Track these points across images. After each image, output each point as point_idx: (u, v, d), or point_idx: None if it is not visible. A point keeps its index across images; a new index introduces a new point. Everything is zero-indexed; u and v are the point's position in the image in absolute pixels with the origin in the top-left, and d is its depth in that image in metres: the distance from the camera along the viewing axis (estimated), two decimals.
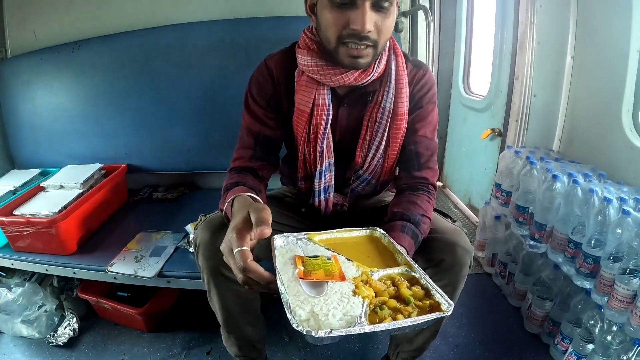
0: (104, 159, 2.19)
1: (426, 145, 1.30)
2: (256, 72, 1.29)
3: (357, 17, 1.00)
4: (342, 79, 1.14)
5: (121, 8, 2.14)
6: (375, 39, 1.05)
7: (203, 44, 2.06)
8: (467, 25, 3.04)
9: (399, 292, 0.83)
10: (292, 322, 0.71)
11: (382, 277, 0.88)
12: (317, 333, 0.69)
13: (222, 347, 1.74)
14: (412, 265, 0.90)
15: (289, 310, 0.74)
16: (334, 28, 1.04)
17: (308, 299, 0.78)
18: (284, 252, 0.94)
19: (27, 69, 2.21)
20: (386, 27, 1.05)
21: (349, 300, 0.78)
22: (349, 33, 1.03)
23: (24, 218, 1.71)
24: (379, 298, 0.81)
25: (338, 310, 0.76)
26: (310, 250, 0.96)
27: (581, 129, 1.95)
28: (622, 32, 1.63)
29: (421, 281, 0.86)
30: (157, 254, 1.71)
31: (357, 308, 0.77)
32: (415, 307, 0.78)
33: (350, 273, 0.87)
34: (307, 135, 1.24)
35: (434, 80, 1.31)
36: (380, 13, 1.02)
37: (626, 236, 1.28)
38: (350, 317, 0.75)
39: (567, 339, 1.59)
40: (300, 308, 0.76)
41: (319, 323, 0.73)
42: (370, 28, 1.01)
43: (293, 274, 0.85)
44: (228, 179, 1.21)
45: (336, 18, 1.03)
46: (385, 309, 0.78)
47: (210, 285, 1.22)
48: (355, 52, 1.06)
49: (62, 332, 1.87)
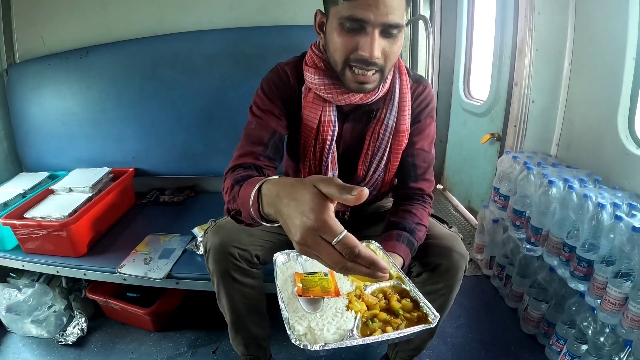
0: (111, 162, 2.23)
1: (423, 157, 1.34)
2: (271, 75, 1.28)
3: (366, 43, 1.01)
4: (349, 98, 1.17)
5: (129, 16, 2.18)
6: (382, 65, 1.06)
7: (209, 51, 2.10)
8: (467, 30, 3.06)
9: (390, 305, 0.89)
10: (291, 337, 0.77)
11: (375, 290, 0.94)
12: (312, 347, 0.76)
13: (227, 346, 1.80)
14: (403, 278, 0.96)
15: (288, 326, 0.80)
16: (342, 52, 1.05)
17: (306, 315, 0.84)
18: (285, 270, 1.00)
19: (36, 74, 2.24)
20: (393, 53, 1.06)
21: (342, 314, 0.85)
22: (356, 58, 1.04)
23: (36, 221, 1.74)
24: (371, 311, 0.87)
25: (332, 324, 0.82)
26: (309, 266, 1.01)
27: (578, 135, 1.98)
28: (619, 40, 1.66)
29: (411, 294, 0.92)
30: (165, 256, 1.75)
31: (349, 322, 0.83)
32: (404, 319, 0.85)
33: (345, 288, 0.93)
34: (313, 148, 1.27)
35: (433, 95, 1.34)
36: (388, 39, 1.03)
37: (618, 241, 1.31)
38: (343, 331, 0.81)
39: (561, 340, 1.62)
40: (298, 324, 0.82)
41: (315, 337, 0.79)
42: (378, 55, 1.02)
43: (292, 292, 0.91)
44: (234, 175, 1.09)
45: (345, 42, 1.04)
46: (376, 322, 0.84)
47: (220, 287, 1.27)
48: (362, 78, 1.07)
49: (71, 332, 1.90)
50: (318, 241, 0.65)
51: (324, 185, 0.67)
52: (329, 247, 0.64)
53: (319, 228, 0.64)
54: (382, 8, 0.96)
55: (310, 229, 0.65)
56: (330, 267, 0.67)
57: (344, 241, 0.64)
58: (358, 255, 0.64)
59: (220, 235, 1.21)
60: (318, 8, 1.15)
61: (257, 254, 1.27)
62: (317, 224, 0.64)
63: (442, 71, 3.25)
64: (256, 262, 1.28)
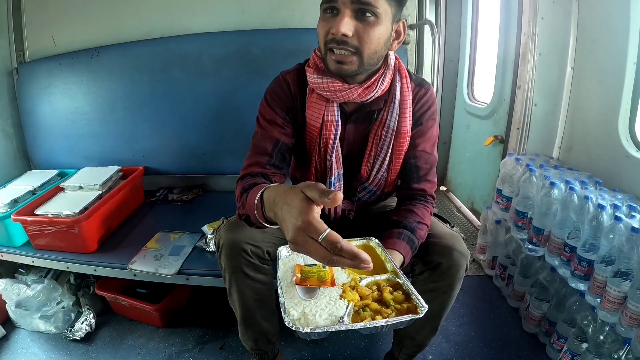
0: (120, 161, 2.25)
1: (425, 159, 1.38)
2: (274, 85, 1.34)
3: (336, 22, 1.07)
4: (347, 94, 1.20)
5: (140, 17, 2.22)
6: (356, 46, 1.09)
7: (219, 53, 2.12)
8: (471, 34, 3.09)
9: (382, 296, 0.95)
10: (285, 321, 0.84)
11: (370, 283, 1.01)
12: (303, 329, 0.82)
13: (234, 342, 1.83)
14: (398, 272, 1.02)
15: (283, 310, 0.87)
16: (322, 35, 1.12)
17: (301, 302, 0.91)
18: (287, 262, 1.08)
19: (46, 73, 2.27)
20: (369, 37, 1.09)
21: (335, 303, 0.91)
22: (330, 38, 1.09)
23: (47, 217, 1.76)
24: (363, 301, 0.93)
25: (325, 311, 0.88)
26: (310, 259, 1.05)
27: (580, 138, 1.99)
28: (620, 45, 1.68)
29: (404, 287, 0.98)
30: (176, 253, 1.78)
31: (341, 310, 0.89)
32: (394, 310, 0.91)
33: (341, 279, 1.00)
34: (318, 148, 1.32)
35: (435, 98, 1.38)
36: (362, 22, 1.07)
37: (618, 241, 1.34)
38: (335, 317, 0.87)
39: (562, 339, 1.64)
40: (293, 309, 0.88)
41: (308, 322, 0.85)
42: (346, 32, 1.06)
43: (291, 281, 0.98)
44: (243, 183, 1.19)
45: (323, 26, 1.11)
46: (368, 311, 0.90)
47: (232, 283, 1.30)
48: (339, 57, 1.11)
49: (79, 328, 1.92)
50: (306, 239, 0.74)
51: (308, 190, 0.75)
52: (316, 244, 0.73)
53: (306, 228, 0.73)
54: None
55: (299, 229, 0.74)
56: (319, 261, 0.75)
57: (327, 238, 0.72)
58: (341, 249, 0.72)
59: (233, 232, 1.25)
60: None
61: (269, 250, 1.30)
62: (303, 225, 0.74)
63: (446, 74, 3.28)
64: (267, 258, 1.31)
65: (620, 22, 1.67)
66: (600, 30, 1.82)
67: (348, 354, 1.81)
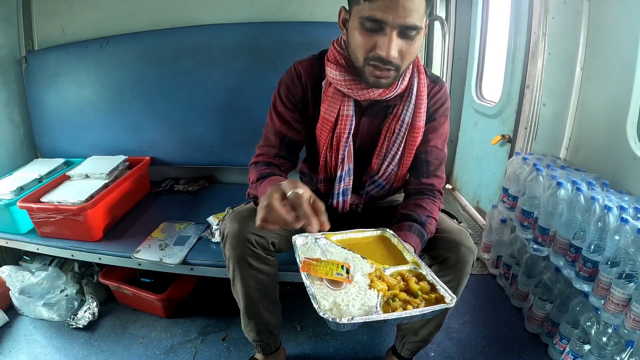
0: (127, 150, 2.26)
1: (436, 155, 1.38)
2: (285, 76, 1.35)
3: (384, 43, 1.05)
4: (368, 93, 1.21)
5: (149, 7, 2.22)
6: (399, 64, 1.10)
7: (228, 45, 2.13)
8: (481, 32, 3.07)
9: (408, 287, 0.94)
10: (319, 311, 0.82)
11: (393, 273, 0.99)
12: (340, 320, 0.80)
13: (236, 333, 1.84)
14: (419, 263, 1.01)
15: (315, 300, 0.85)
16: (362, 49, 1.10)
17: (330, 292, 0.89)
18: (305, 251, 1.06)
19: (55, 62, 2.28)
20: (410, 53, 1.10)
21: (366, 292, 0.90)
22: (374, 56, 1.08)
23: (53, 205, 1.78)
24: (391, 291, 0.92)
25: (357, 301, 0.87)
26: (327, 249, 1.06)
27: (587, 139, 1.98)
28: (630, 47, 1.66)
29: (427, 277, 0.97)
30: (181, 243, 1.79)
31: (373, 299, 0.88)
32: (423, 300, 0.90)
33: (366, 269, 0.98)
34: (329, 142, 1.32)
35: (448, 95, 1.39)
36: (406, 40, 1.07)
37: (623, 243, 1.33)
38: (368, 307, 0.86)
39: (565, 339, 1.64)
40: (324, 299, 0.87)
41: (341, 312, 0.84)
42: (394, 55, 1.07)
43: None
44: (258, 169, 1.28)
45: (365, 41, 1.08)
46: (397, 301, 0.89)
47: (235, 273, 1.30)
48: (379, 74, 1.11)
49: (82, 316, 1.93)
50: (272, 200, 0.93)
51: (285, 182, 0.95)
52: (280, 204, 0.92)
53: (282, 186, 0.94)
54: (400, 10, 1.00)
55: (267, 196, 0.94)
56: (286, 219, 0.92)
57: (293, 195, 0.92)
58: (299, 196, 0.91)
59: (238, 222, 1.25)
60: (340, 5, 1.19)
61: (273, 241, 1.31)
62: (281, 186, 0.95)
63: (454, 72, 3.26)
64: (272, 249, 1.32)
65: (631, 24, 1.66)
66: (610, 31, 1.80)
67: (350, 349, 1.82)
